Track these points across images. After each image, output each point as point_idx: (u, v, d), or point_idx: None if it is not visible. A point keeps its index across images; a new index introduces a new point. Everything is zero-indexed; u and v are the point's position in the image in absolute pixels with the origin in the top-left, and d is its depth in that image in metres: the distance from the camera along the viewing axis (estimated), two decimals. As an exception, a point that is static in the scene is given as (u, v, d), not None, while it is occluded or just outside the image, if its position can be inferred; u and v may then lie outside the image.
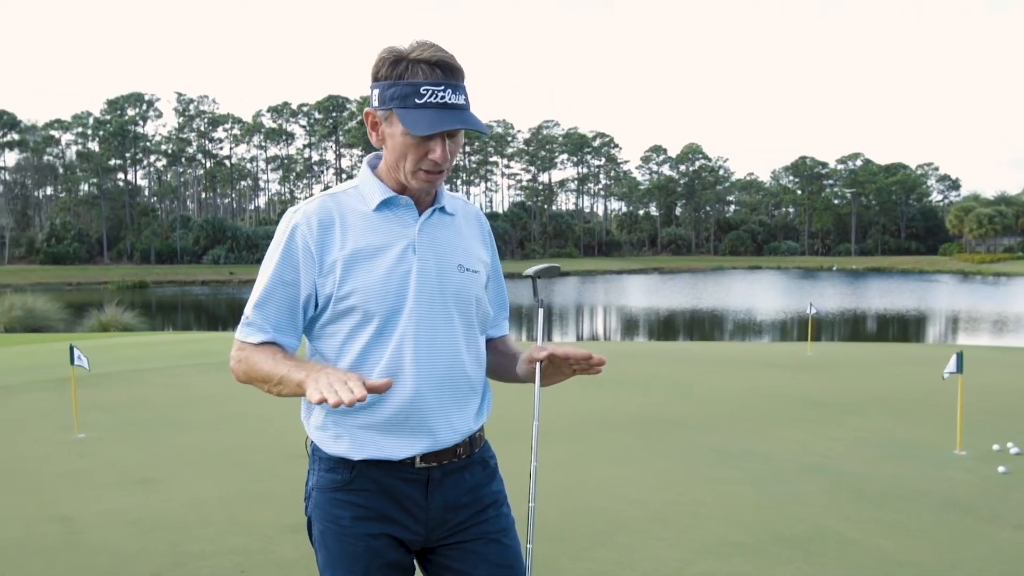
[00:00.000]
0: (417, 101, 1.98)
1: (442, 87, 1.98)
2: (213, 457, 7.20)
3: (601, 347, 22.10)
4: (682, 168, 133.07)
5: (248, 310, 2.10)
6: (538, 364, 2.17)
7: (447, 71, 2.00)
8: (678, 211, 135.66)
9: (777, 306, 43.70)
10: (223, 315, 47.12)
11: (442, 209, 2.18)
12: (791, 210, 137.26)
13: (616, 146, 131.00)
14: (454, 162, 2.10)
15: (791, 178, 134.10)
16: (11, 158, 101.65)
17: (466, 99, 2.04)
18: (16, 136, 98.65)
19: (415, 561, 2.22)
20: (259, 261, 2.38)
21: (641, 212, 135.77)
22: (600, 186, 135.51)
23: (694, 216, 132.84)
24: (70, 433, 8.08)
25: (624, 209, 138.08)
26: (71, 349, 8.15)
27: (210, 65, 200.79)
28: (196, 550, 4.78)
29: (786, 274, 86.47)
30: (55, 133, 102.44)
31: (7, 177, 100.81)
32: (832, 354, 16.66)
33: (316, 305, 2.09)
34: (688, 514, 5.48)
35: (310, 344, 2.19)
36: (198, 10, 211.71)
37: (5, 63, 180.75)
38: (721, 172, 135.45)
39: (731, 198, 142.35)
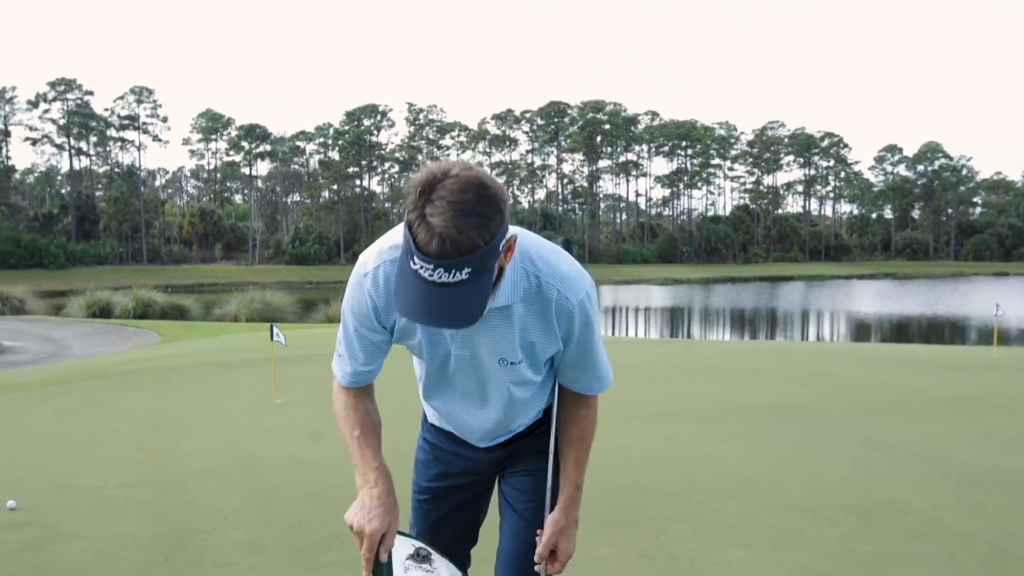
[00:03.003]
0: (411, 265, 1.69)
1: (432, 266, 1.65)
2: (377, 421, 8.31)
3: (792, 346, 21.84)
4: (920, 168, 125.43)
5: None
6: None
7: (448, 249, 1.65)
8: (915, 214, 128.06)
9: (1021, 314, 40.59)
10: (443, 313, 49.38)
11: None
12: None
13: (846, 146, 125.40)
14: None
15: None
16: (263, 167, 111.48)
17: (472, 271, 1.68)
18: (268, 147, 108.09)
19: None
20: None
21: (873, 215, 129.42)
22: (829, 188, 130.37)
23: (933, 219, 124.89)
24: (270, 399, 9.49)
25: (855, 212, 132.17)
26: (271, 327, 9.57)
27: (438, 76, 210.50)
28: (336, 482, 5.83)
29: (1037, 281, 79.63)
30: (300, 144, 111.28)
31: (260, 185, 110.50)
32: (1019, 358, 15.87)
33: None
34: (771, 484, 5.93)
35: None
36: (428, 26, 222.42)
37: (260, 82, 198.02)
38: (964, 172, 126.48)
39: (976, 199, 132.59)
